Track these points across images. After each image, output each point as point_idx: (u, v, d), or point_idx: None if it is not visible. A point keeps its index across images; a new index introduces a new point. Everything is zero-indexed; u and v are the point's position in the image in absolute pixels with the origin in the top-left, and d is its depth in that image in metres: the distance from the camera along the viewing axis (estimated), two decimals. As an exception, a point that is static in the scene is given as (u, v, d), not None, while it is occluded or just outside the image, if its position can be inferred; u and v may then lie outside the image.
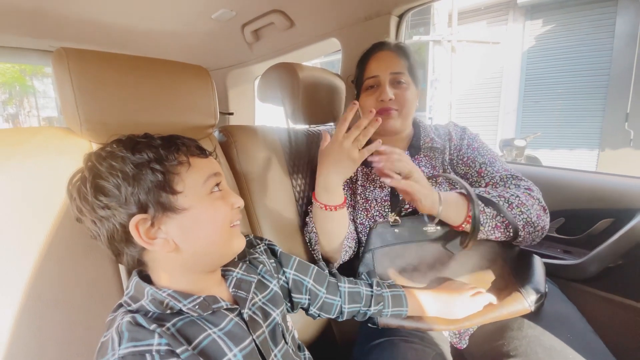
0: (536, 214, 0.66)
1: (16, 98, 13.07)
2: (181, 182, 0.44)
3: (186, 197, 0.43)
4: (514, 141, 4.22)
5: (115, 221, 0.41)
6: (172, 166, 0.43)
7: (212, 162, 0.49)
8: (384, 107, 0.78)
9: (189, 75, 0.66)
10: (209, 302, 0.44)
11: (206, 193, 0.46)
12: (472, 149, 0.79)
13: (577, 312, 0.70)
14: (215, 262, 0.49)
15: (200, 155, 0.48)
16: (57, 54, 0.51)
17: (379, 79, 0.80)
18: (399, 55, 0.81)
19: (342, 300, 0.65)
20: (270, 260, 0.61)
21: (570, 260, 0.94)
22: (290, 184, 0.90)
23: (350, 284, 0.67)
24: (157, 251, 0.43)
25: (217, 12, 1.14)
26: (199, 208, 0.44)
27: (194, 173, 0.45)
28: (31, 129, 0.54)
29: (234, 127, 0.86)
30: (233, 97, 1.70)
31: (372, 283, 0.69)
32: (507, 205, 0.65)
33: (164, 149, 0.44)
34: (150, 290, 0.42)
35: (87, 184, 0.41)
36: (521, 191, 0.69)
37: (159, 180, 0.42)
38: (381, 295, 0.67)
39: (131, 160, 0.41)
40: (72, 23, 1.15)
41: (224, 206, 0.47)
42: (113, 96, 0.55)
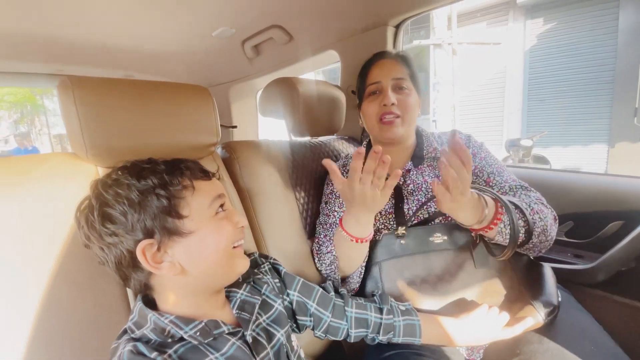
0: (550, 222, 0.66)
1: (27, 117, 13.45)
2: (187, 206, 0.44)
3: (192, 220, 0.44)
4: (520, 141, 4.18)
5: (123, 247, 0.42)
6: (177, 191, 0.44)
7: (215, 184, 0.50)
8: (386, 112, 0.78)
9: (190, 95, 0.68)
10: (211, 328, 0.44)
11: (211, 215, 0.47)
12: (479, 158, 0.79)
13: (594, 321, 0.69)
14: (220, 283, 0.50)
15: (204, 177, 0.49)
16: (62, 83, 0.53)
17: (381, 85, 0.80)
18: (400, 63, 0.81)
19: (349, 324, 0.63)
20: (275, 280, 0.61)
21: (582, 265, 0.92)
22: (294, 197, 0.90)
23: (358, 308, 0.65)
24: (164, 275, 0.44)
25: (218, 30, 1.17)
26: (205, 230, 0.45)
27: (199, 196, 0.46)
28: (39, 157, 0.56)
29: (236, 143, 0.87)
30: (236, 111, 1.73)
31: (382, 308, 0.65)
32: (530, 210, 0.65)
33: (168, 174, 0.45)
34: (153, 317, 0.42)
35: (95, 212, 0.42)
36: (534, 201, 0.68)
37: (165, 205, 0.43)
38: (391, 324, 0.64)
39: (136, 187, 0.42)
40: (78, 47, 1.19)
41: (228, 226, 0.48)
42: (117, 121, 0.56)
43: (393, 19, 1.02)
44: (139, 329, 0.43)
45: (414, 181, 0.80)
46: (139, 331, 0.43)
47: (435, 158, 0.81)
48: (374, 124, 0.82)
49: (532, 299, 0.65)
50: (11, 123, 13.38)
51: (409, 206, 0.78)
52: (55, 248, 0.51)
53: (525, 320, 0.62)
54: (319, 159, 1.02)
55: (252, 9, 1.04)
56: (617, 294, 0.87)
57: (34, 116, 13.39)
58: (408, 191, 0.79)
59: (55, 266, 0.51)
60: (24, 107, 12.66)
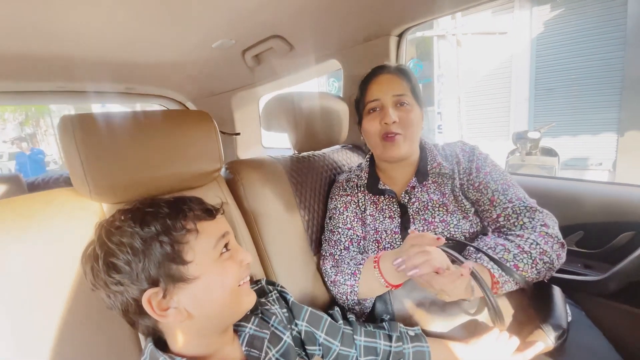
0: (556, 255, 0.65)
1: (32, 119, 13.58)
2: (191, 251, 0.44)
3: (197, 265, 0.44)
4: (527, 133, 4.11)
5: (129, 296, 0.42)
6: (180, 236, 0.44)
7: (219, 222, 0.49)
8: (388, 132, 0.77)
9: (192, 122, 0.67)
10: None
11: (216, 257, 0.46)
12: (484, 173, 0.76)
13: (605, 339, 0.68)
14: (227, 322, 0.50)
15: (208, 218, 0.48)
16: (63, 124, 0.52)
17: (381, 102, 0.78)
18: (400, 77, 0.79)
19: (358, 352, 0.63)
20: (283, 310, 0.61)
21: (592, 276, 0.90)
22: (299, 214, 0.90)
23: (367, 336, 0.64)
24: (170, 322, 0.44)
25: (217, 42, 1.15)
26: (210, 274, 0.45)
27: (203, 239, 0.45)
28: (43, 196, 0.56)
29: (239, 164, 0.86)
30: (239, 118, 1.72)
31: (392, 336, 0.65)
32: (531, 262, 0.64)
33: (171, 219, 0.44)
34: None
35: (100, 262, 0.42)
36: (537, 232, 0.66)
37: (168, 252, 0.42)
38: (401, 351, 0.63)
39: (140, 235, 0.42)
40: (78, 63, 1.18)
41: (233, 266, 0.47)
42: (119, 157, 0.56)
43: (395, 28, 1.00)
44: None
45: (419, 199, 0.78)
46: None
47: (440, 174, 0.80)
48: (376, 142, 0.80)
49: (542, 322, 0.64)
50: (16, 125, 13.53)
51: (416, 227, 0.77)
52: (64, 290, 0.52)
53: (535, 345, 0.62)
54: (322, 171, 1.01)
55: (251, 20, 1.02)
56: (628, 305, 0.86)
57: (38, 118, 13.51)
58: (414, 210, 0.78)
59: (64, 308, 0.51)
60: (29, 109, 12.77)
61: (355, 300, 0.75)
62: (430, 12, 0.91)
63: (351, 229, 0.83)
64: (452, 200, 0.77)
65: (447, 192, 0.78)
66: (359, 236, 0.82)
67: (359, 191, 0.86)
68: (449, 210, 0.75)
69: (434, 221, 0.75)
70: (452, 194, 0.78)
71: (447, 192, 0.78)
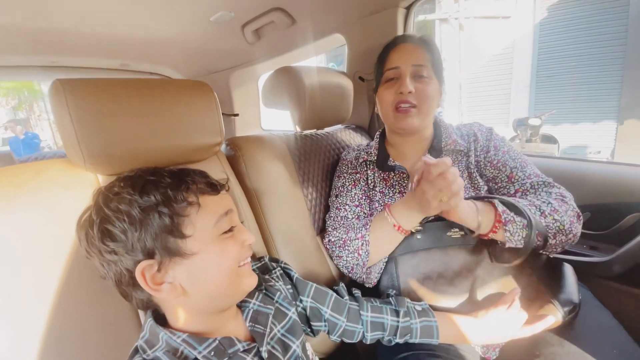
0: (569, 220, 0.63)
1: (26, 103, 13.31)
2: (190, 225, 0.41)
3: (196, 240, 0.41)
4: (528, 120, 4.08)
5: (122, 266, 0.40)
6: (181, 208, 0.41)
7: (223, 199, 0.47)
8: (402, 100, 0.74)
9: (191, 93, 0.64)
10: (225, 347, 0.43)
11: (217, 235, 0.43)
12: (503, 152, 0.75)
13: (614, 320, 0.67)
14: (226, 303, 0.47)
15: (212, 192, 0.45)
16: (54, 88, 0.49)
17: (399, 71, 0.75)
18: (422, 48, 0.76)
19: (365, 328, 0.62)
20: (287, 286, 0.59)
21: (598, 257, 0.90)
22: (302, 193, 0.88)
23: (373, 312, 0.63)
24: (164, 297, 0.42)
25: (216, 14, 1.10)
26: (209, 251, 0.42)
27: (205, 214, 0.43)
28: (37, 166, 0.53)
29: (240, 139, 0.83)
30: (237, 98, 1.67)
31: (399, 311, 0.64)
32: (540, 214, 0.62)
33: (173, 189, 0.41)
34: (165, 337, 0.41)
35: (95, 228, 0.40)
36: (553, 198, 0.65)
37: (167, 224, 0.40)
38: (409, 327, 0.62)
39: (138, 204, 0.39)
40: (71, 37, 1.13)
41: (233, 245, 0.45)
42: (115, 126, 0.53)
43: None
44: (151, 348, 0.41)
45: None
46: (151, 352, 0.41)
47: (455, 151, 0.78)
48: (388, 111, 0.77)
49: (552, 297, 0.63)
50: (9, 109, 13.26)
51: None
52: (58, 262, 0.49)
53: (546, 318, 0.61)
54: (326, 151, 0.98)
55: (251, -10, 0.98)
56: (634, 287, 0.85)
57: (32, 102, 13.24)
58: None
59: (59, 281, 0.49)
60: (22, 93, 12.50)
61: (366, 260, 0.73)
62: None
63: (359, 206, 0.81)
64: (466, 177, 0.76)
65: (462, 168, 0.77)
66: (366, 213, 0.81)
67: (368, 168, 0.84)
68: None
69: None
70: (466, 170, 0.77)
71: (462, 168, 0.77)
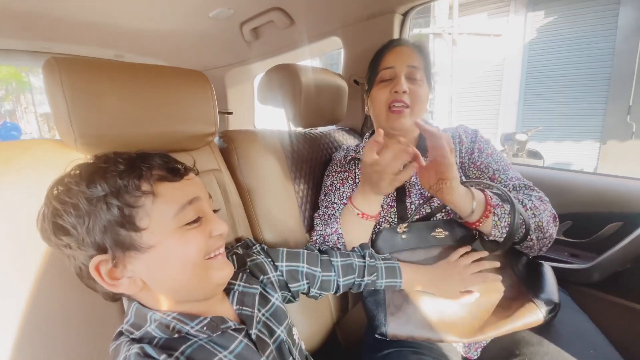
0: (547, 219, 0.65)
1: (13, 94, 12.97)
2: (146, 217, 0.38)
3: (152, 233, 0.38)
4: (515, 135, 4.19)
5: (78, 261, 0.39)
6: (133, 198, 0.38)
7: (188, 185, 0.43)
8: (396, 100, 0.75)
9: (187, 81, 0.64)
10: (217, 323, 0.42)
11: (179, 225, 0.40)
12: (486, 154, 0.77)
13: (591, 322, 0.69)
14: (198, 295, 0.44)
15: (172, 179, 0.41)
16: (48, 65, 0.48)
17: (394, 71, 0.77)
18: (416, 52, 0.78)
19: (337, 274, 0.65)
20: (268, 259, 0.61)
21: (579, 265, 0.92)
22: (293, 189, 0.88)
23: (342, 257, 0.67)
24: (124, 292, 0.40)
25: (215, 10, 1.10)
26: (168, 243, 0.39)
27: (162, 204, 0.39)
28: (22, 144, 0.52)
29: (234, 133, 0.83)
30: (232, 97, 1.67)
31: (364, 254, 0.68)
32: (522, 206, 0.64)
33: (124, 178, 0.38)
34: (154, 315, 0.40)
35: (46, 221, 0.38)
36: (533, 198, 0.68)
37: (116, 216, 0.37)
38: (374, 266, 0.67)
39: (84, 195, 0.37)
40: (64, 24, 1.11)
41: (198, 236, 0.41)
42: (108, 107, 0.52)
43: (401, 6, 0.98)
44: (139, 330, 0.40)
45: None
46: (139, 332, 0.40)
47: None
48: (381, 111, 0.79)
49: (533, 296, 0.65)
50: (-5, 100, 12.89)
51: (412, 200, 0.77)
52: (41, 244, 0.48)
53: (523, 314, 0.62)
54: (318, 150, 0.99)
55: (252, -11, 0.99)
56: (612, 295, 0.88)
57: (19, 94, 12.91)
58: (410, 183, 0.78)
59: (41, 263, 0.47)
60: (9, 84, 12.19)
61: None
62: (437, -9, 0.90)
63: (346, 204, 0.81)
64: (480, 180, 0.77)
65: None
66: None
67: (356, 167, 0.85)
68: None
69: (429, 195, 0.75)
70: None
71: None
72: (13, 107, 13.37)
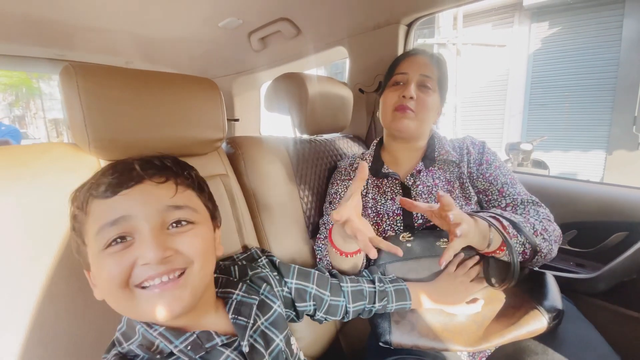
0: (555, 238, 0.66)
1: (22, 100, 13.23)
2: (86, 235, 0.39)
3: (90, 251, 0.39)
4: (520, 145, 4.17)
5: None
6: (78, 216, 0.40)
7: (122, 201, 0.38)
8: (402, 104, 0.77)
9: (198, 88, 0.66)
10: (203, 341, 0.41)
11: (100, 248, 0.37)
12: (495, 166, 0.78)
13: (596, 331, 0.68)
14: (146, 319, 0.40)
15: (103, 196, 0.38)
16: (65, 71, 0.50)
17: (407, 77, 0.79)
18: (432, 63, 0.81)
19: (346, 300, 0.64)
20: (274, 273, 0.60)
21: (584, 274, 0.92)
22: (298, 195, 0.89)
23: (352, 282, 0.66)
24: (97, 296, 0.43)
25: (224, 20, 1.14)
26: (94, 265, 0.39)
27: (90, 223, 0.38)
28: (39, 147, 0.54)
29: (241, 139, 0.85)
30: (239, 104, 1.70)
31: (373, 279, 0.68)
32: (533, 232, 0.64)
33: (78, 195, 0.41)
34: (142, 329, 0.40)
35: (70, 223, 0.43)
36: (542, 218, 0.68)
37: (73, 231, 0.41)
38: (384, 291, 0.66)
39: (74, 204, 0.41)
40: (79, 31, 1.15)
41: (111, 264, 0.37)
42: (122, 113, 0.54)
43: (406, 17, 1.00)
44: (127, 341, 0.40)
45: (424, 183, 0.79)
46: (126, 345, 0.40)
47: (447, 161, 0.80)
48: (388, 112, 0.81)
49: (537, 304, 0.65)
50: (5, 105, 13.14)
51: None
52: (54, 243, 0.49)
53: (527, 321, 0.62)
54: (323, 157, 1.01)
55: (261, 0, 1.02)
56: (617, 305, 0.87)
57: (29, 99, 13.16)
58: (417, 192, 0.78)
59: (53, 262, 0.49)
60: (19, 89, 12.44)
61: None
62: (441, 3, 0.92)
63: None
64: (458, 187, 0.78)
65: (453, 179, 0.79)
66: None
67: None
68: (453, 197, 0.76)
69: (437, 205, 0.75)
70: (457, 181, 0.79)
71: (453, 179, 0.79)
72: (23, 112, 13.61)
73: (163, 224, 0.39)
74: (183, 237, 0.40)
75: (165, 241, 0.38)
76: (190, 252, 0.40)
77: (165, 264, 0.37)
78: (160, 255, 0.37)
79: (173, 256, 0.38)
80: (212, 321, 0.46)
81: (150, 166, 0.42)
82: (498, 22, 5.63)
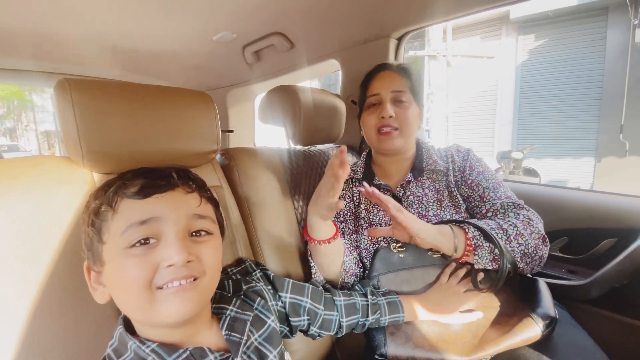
0: (534, 243, 0.65)
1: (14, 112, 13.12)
2: (107, 232, 0.40)
3: (109, 248, 0.40)
4: (511, 153, 4.24)
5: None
6: (103, 212, 0.41)
7: (154, 204, 0.41)
8: (383, 124, 0.79)
9: (192, 101, 0.66)
10: (196, 358, 0.40)
11: (124, 246, 0.38)
12: (477, 172, 0.79)
13: (590, 338, 0.69)
14: (150, 324, 0.41)
15: (136, 196, 0.40)
16: (60, 85, 0.51)
17: (380, 97, 0.80)
18: (400, 75, 0.82)
19: (340, 314, 0.64)
20: (268, 287, 0.60)
21: (576, 281, 0.93)
22: (292, 205, 0.89)
23: (345, 296, 0.67)
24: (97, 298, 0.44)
25: (219, 34, 1.15)
26: (113, 264, 0.39)
27: (117, 221, 0.40)
28: (32, 160, 0.54)
29: (235, 150, 0.85)
30: (233, 116, 1.71)
31: (366, 292, 0.68)
32: (505, 238, 0.64)
33: (108, 191, 0.42)
34: (134, 346, 0.40)
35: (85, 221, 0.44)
36: (520, 220, 0.67)
37: (90, 226, 0.41)
38: (377, 303, 0.66)
39: (90, 207, 0.43)
40: (72, 45, 1.16)
41: (137, 264, 0.38)
42: (115, 126, 0.54)
43: (396, 31, 1.03)
44: (119, 357, 0.40)
45: (414, 193, 0.79)
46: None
47: (435, 170, 0.81)
48: (372, 134, 0.82)
49: (530, 311, 0.65)
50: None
51: None
52: (46, 256, 0.49)
53: (521, 329, 0.62)
54: (317, 167, 1.01)
55: (254, 15, 1.04)
56: (610, 311, 0.88)
57: (20, 111, 13.05)
58: (408, 203, 0.79)
59: (45, 275, 0.48)
60: (11, 102, 12.35)
61: (322, 275, 0.78)
62: (430, 17, 0.95)
63: (343, 222, 0.83)
64: (447, 196, 0.79)
65: (442, 188, 0.80)
66: (351, 229, 0.82)
67: (354, 185, 0.86)
68: (443, 205, 0.77)
69: (428, 214, 0.76)
70: (446, 189, 0.80)
71: (442, 188, 0.80)
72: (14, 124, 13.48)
73: (188, 230, 0.42)
74: (203, 246, 0.43)
75: (189, 246, 0.40)
76: (208, 262, 0.42)
77: (187, 268, 0.39)
78: (185, 258, 0.39)
79: (194, 262, 0.40)
80: (206, 337, 0.45)
81: (184, 175, 0.46)
82: (486, 35, 5.80)
